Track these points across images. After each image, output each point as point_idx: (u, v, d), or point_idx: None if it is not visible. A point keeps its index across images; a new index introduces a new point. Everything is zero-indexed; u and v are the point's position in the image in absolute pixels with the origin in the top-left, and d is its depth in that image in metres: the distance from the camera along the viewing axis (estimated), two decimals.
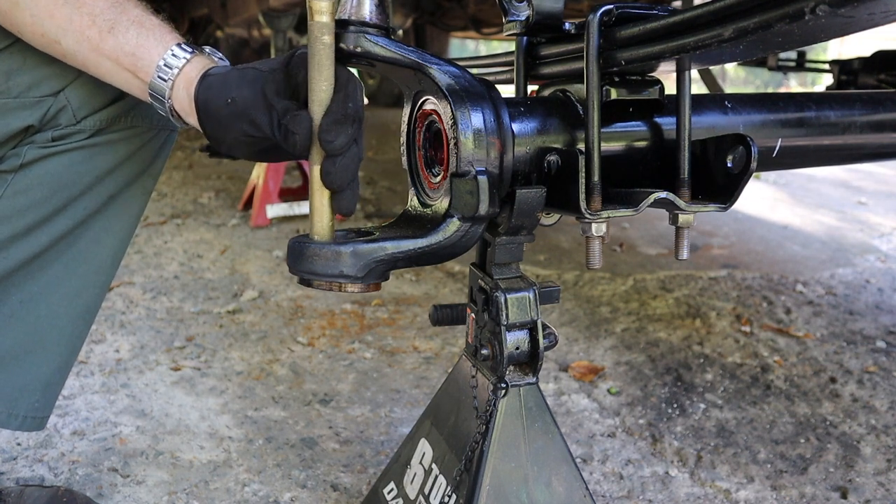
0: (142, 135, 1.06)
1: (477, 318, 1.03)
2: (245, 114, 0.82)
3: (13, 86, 0.94)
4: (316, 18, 0.80)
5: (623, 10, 0.90)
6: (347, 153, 0.82)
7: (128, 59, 0.87)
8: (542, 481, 0.98)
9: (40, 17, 0.86)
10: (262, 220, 3.10)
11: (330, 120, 0.81)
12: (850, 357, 1.97)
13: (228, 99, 0.83)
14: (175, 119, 0.90)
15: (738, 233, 3.31)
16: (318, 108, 0.82)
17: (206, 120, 0.85)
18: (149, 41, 0.87)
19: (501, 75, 1.37)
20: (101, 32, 0.86)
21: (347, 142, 0.81)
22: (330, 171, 0.82)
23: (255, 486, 1.35)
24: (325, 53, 0.81)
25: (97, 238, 1.09)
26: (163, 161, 1.14)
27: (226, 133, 0.85)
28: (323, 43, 0.80)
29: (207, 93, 0.84)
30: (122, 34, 0.86)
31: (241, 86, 0.83)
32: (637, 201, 0.90)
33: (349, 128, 0.81)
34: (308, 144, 0.81)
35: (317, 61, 0.81)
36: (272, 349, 1.93)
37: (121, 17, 0.87)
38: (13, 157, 0.99)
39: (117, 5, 0.87)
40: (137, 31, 0.87)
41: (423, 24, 4.02)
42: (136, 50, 0.86)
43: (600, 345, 2.01)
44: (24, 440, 1.45)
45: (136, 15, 0.88)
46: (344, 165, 0.82)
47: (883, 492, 1.40)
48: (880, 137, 1.26)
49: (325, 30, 0.80)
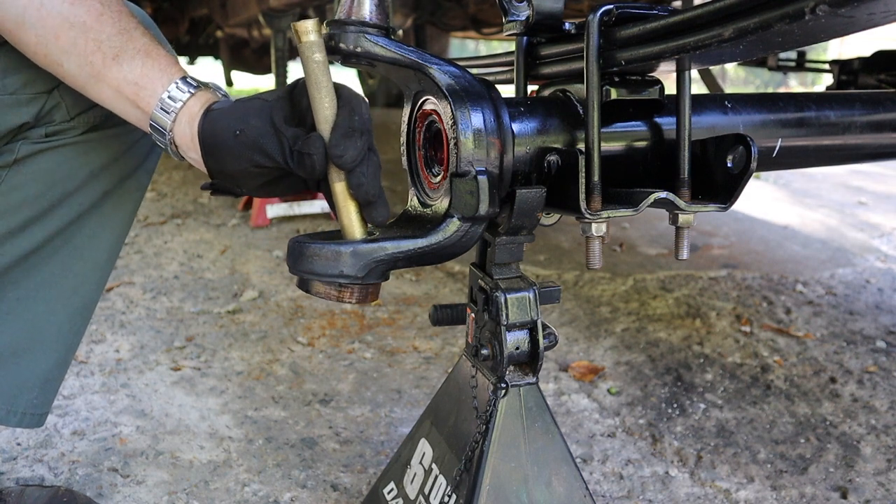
0: (135, 131, 1.06)
1: (477, 318, 1.03)
2: (255, 144, 0.82)
3: (8, 83, 0.94)
4: (304, 39, 0.81)
5: (623, 10, 0.90)
6: (369, 163, 0.82)
7: (130, 89, 0.86)
8: (542, 481, 0.98)
9: (45, 37, 0.85)
10: (262, 220, 3.11)
11: (338, 134, 0.81)
12: (850, 357, 1.97)
13: (237, 131, 0.82)
14: (173, 153, 0.89)
15: (738, 233, 3.31)
16: (326, 126, 0.82)
17: (211, 153, 0.84)
18: (153, 72, 0.86)
19: (501, 75, 1.37)
20: (106, 59, 0.85)
21: (358, 154, 0.81)
22: (361, 183, 0.82)
23: (255, 486, 1.35)
24: (320, 71, 0.81)
25: (93, 234, 1.10)
26: (157, 157, 1.14)
27: (235, 165, 0.84)
28: (315, 61, 0.81)
29: (214, 126, 0.84)
30: (127, 63, 0.86)
31: (248, 117, 0.83)
32: (637, 201, 0.90)
33: (358, 140, 0.81)
34: (325, 164, 0.81)
35: (314, 80, 0.81)
36: (272, 349, 1.93)
37: (127, 44, 0.86)
38: (7, 154, 0.99)
39: (124, 33, 0.86)
40: (143, 60, 0.86)
41: (423, 24, 4.01)
42: (139, 80, 0.86)
43: (600, 345, 2.01)
44: (23, 440, 1.45)
45: (142, 44, 0.87)
46: (372, 174, 0.83)
47: (883, 492, 1.40)
48: (880, 137, 1.26)
49: (314, 48, 0.81)
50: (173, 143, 0.88)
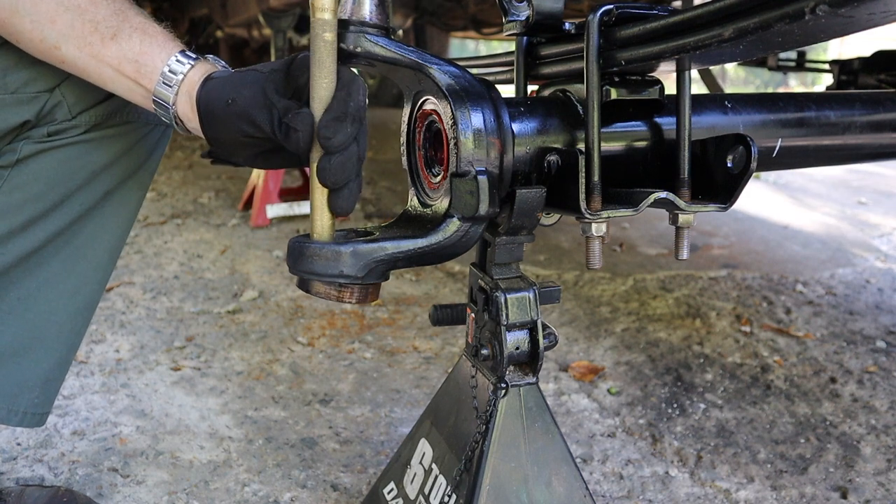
0: (137, 130, 1.06)
1: (477, 318, 1.03)
2: (245, 113, 0.82)
3: (9, 82, 0.94)
4: (318, 15, 0.80)
5: (623, 10, 0.90)
6: (346, 151, 0.81)
7: (130, 67, 0.86)
8: (542, 481, 0.98)
9: (41, 22, 0.85)
10: (262, 220, 3.10)
11: (330, 117, 0.80)
12: (850, 357, 1.97)
13: (229, 100, 0.82)
14: (178, 126, 0.89)
15: (738, 233, 3.31)
16: (319, 105, 0.81)
17: (207, 122, 0.85)
18: (152, 48, 0.86)
19: (501, 75, 1.37)
20: (104, 39, 0.85)
21: (346, 140, 0.81)
22: (325, 167, 0.81)
23: (255, 486, 1.35)
24: (326, 51, 0.80)
25: (94, 234, 1.10)
26: (159, 156, 1.14)
27: (226, 134, 0.84)
28: (324, 40, 0.80)
29: (209, 95, 0.84)
30: (125, 41, 0.86)
31: (242, 87, 0.83)
32: (637, 201, 0.90)
33: (348, 126, 0.80)
34: (310, 141, 0.81)
35: (318, 58, 0.81)
36: (272, 349, 1.93)
37: (123, 24, 0.86)
38: (9, 153, 1.00)
39: (119, 13, 0.87)
40: (140, 38, 0.86)
41: (423, 24, 4.01)
42: (139, 57, 0.86)
43: (600, 345, 2.01)
44: (24, 440, 1.45)
45: (138, 22, 0.87)
46: (340, 163, 0.81)
47: (883, 492, 1.40)
48: (880, 137, 1.26)
49: (326, 27, 0.80)
50: (177, 117, 0.88)
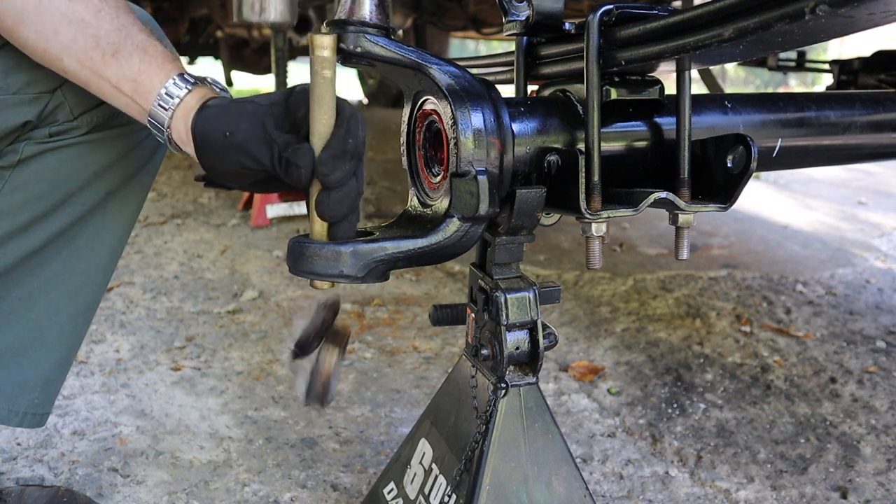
0: (139, 132, 1.06)
1: (477, 318, 1.03)
2: (244, 147, 0.82)
3: (11, 82, 0.94)
4: (317, 53, 0.80)
5: (623, 10, 0.90)
6: (344, 187, 0.82)
7: (128, 85, 0.87)
8: (542, 481, 0.98)
9: (44, 34, 0.86)
10: (262, 220, 3.10)
11: (329, 154, 0.80)
12: (850, 357, 1.97)
13: (227, 132, 0.82)
14: (172, 147, 0.90)
15: (738, 233, 3.31)
16: (319, 141, 0.81)
17: (203, 152, 0.85)
18: (151, 68, 0.86)
19: (501, 75, 1.37)
20: (105, 55, 0.86)
21: (344, 176, 0.81)
22: (324, 202, 0.82)
23: (255, 486, 1.35)
24: (325, 88, 0.81)
25: (96, 234, 1.10)
26: (160, 158, 1.14)
27: (223, 166, 0.84)
28: (324, 77, 0.80)
29: (206, 124, 0.84)
30: (126, 59, 0.86)
31: (240, 119, 0.83)
32: (637, 201, 0.90)
33: (347, 163, 0.81)
34: (311, 177, 0.81)
35: (318, 95, 0.81)
36: (272, 349, 1.93)
37: (125, 41, 0.86)
38: (11, 154, 1.00)
39: (122, 29, 0.87)
40: (140, 57, 0.86)
41: (423, 24, 4.01)
42: (137, 76, 0.86)
43: (600, 345, 2.01)
44: (24, 440, 1.45)
45: (140, 40, 0.87)
46: (338, 199, 0.82)
47: (883, 492, 1.40)
48: (880, 137, 1.26)
49: (326, 64, 0.80)
50: (171, 139, 0.88)
